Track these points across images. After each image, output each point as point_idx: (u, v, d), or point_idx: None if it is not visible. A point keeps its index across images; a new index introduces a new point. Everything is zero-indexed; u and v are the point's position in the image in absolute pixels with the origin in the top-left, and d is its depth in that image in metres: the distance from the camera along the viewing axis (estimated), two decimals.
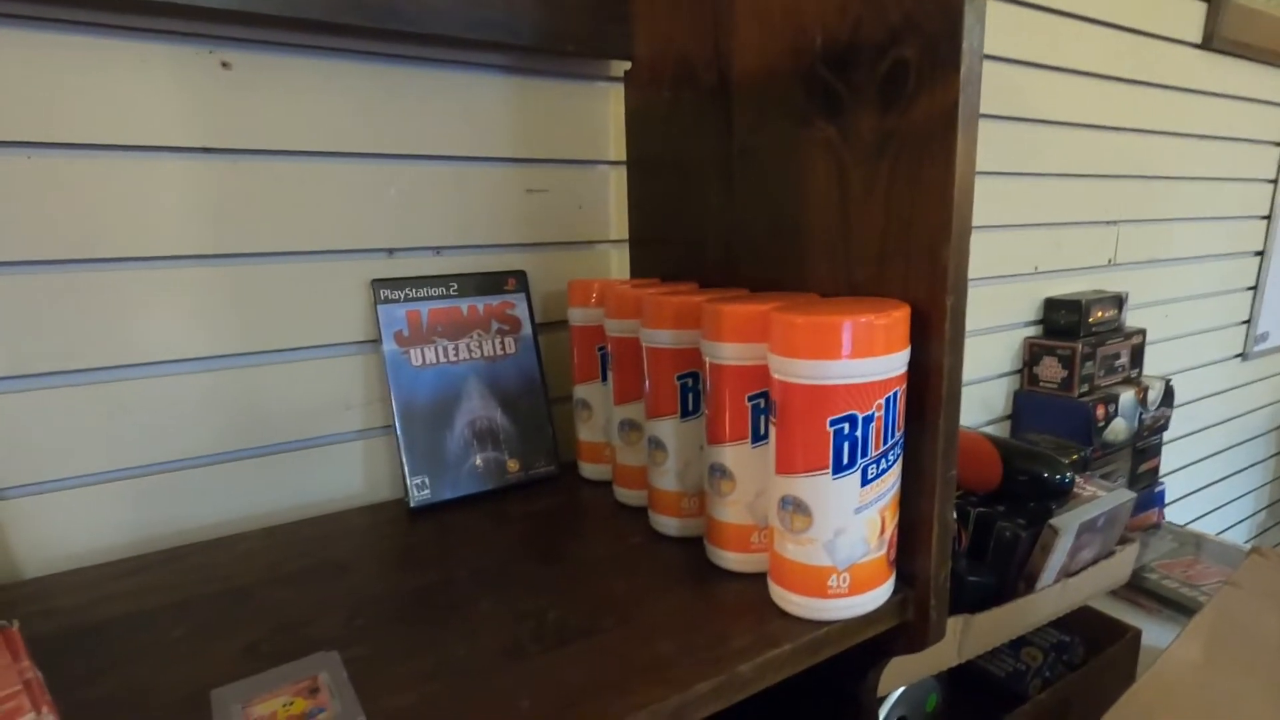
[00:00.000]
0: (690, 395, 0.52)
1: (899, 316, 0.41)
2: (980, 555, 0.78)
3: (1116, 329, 1.22)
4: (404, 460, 0.62)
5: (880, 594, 0.45)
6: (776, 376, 0.42)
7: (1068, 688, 0.77)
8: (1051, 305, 1.20)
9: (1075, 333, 1.16)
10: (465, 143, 0.67)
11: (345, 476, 0.65)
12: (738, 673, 0.40)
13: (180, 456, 0.59)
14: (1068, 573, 0.77)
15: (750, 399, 0.47)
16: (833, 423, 0.40)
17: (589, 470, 0.68)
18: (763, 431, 0.47)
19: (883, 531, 0.43)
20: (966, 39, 0.40)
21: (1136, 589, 1.07)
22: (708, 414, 0.49)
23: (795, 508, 0.42)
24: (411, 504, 0.62)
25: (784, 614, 0.45)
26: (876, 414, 0.41)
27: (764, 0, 0.53)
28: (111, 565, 0.55)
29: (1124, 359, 1.21)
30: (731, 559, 0.50)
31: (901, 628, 0.48)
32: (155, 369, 0.57)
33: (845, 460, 0.41)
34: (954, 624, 0.70)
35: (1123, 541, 0.84)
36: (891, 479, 0.43)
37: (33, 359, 0.53)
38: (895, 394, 0.42)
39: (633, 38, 0.69)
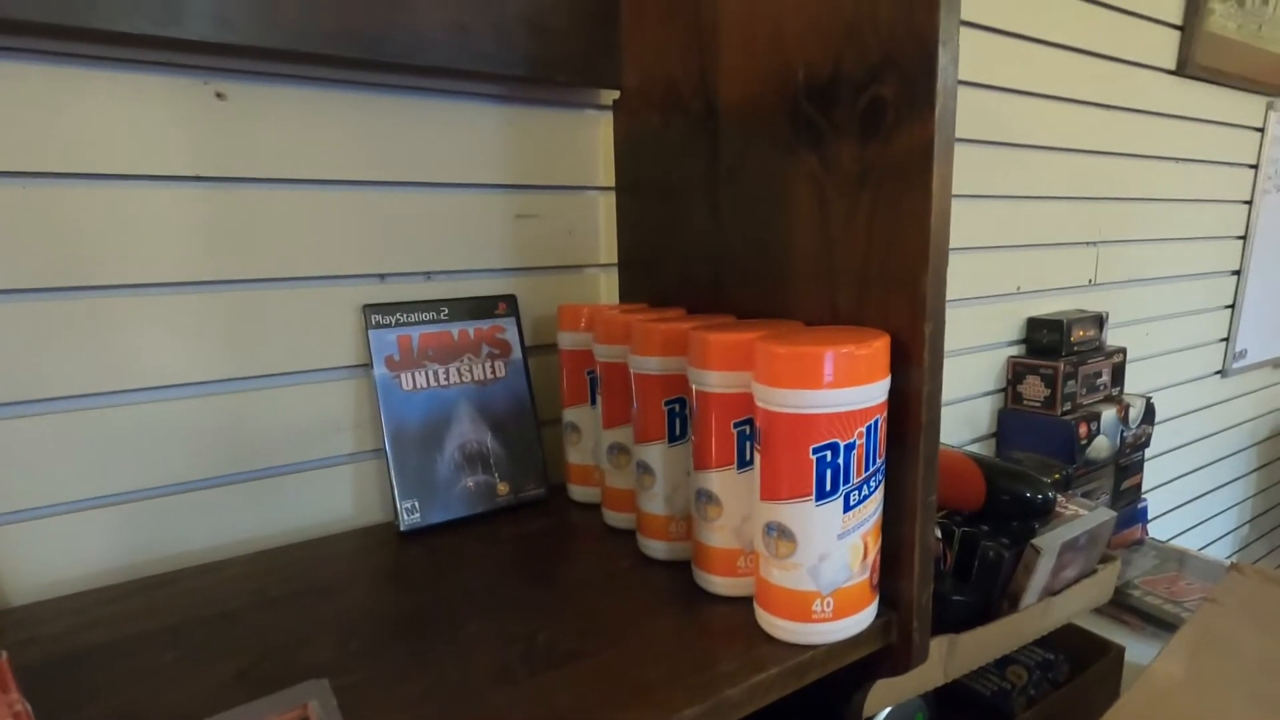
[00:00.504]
0: (677, 420, 0.53)
1: (879, 346, 0.42)
2: (965, 575, 0.79)
3: (1098, 348, 1.24)
4: (394, 484, 0.62)
5: (864, 618, 0.45)
6: (760, 405, 0.43)
7: (1053, 705, 0.78)
8: (1034, 325, 1.22)
9: (1057, 352, 1.18)
10: (456, 169, 0.68)
11: (335, 500, 0.66)
12: (725, 697, 0.41)
13: (170, 482, 0.59)
14: (1051, 591, 0.78)
15: (736, 425, 0.48)
16: (815, 450, 0.41)
17: (578, 493, 0.69)
18: (748, 457, 0.48)
19: (865, 556, 0.44)
20: (941, 79, 0.41)
21: (1120, 606, 1.08)
22: (694, 440, 0.50)
23: (780, 534, 0.43)
24: (402, 528, 0.62)
25: (770, 638, 0.46)
26: (858, 442, 0.42)
27: (749, 31, 0.55)
28: (100, 591, 0.55)
29: (1105, 377, 1.23)
30: (719, 583, 0.50)
31: (885, 650, 0.49)
32: (145, 395, 0.57)
33: (828, 487, 0.42)
34: (939, 644, 0.70)
35: (1105, 560, 0.85)
36: (874, 505, 0.44)
37: (23, 386, 0.53)
38: (876, 421, 0.43)
39: (621, 67, 0.70)
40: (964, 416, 1.18)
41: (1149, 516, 1.36)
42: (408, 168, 0.66)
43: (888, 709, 0.70)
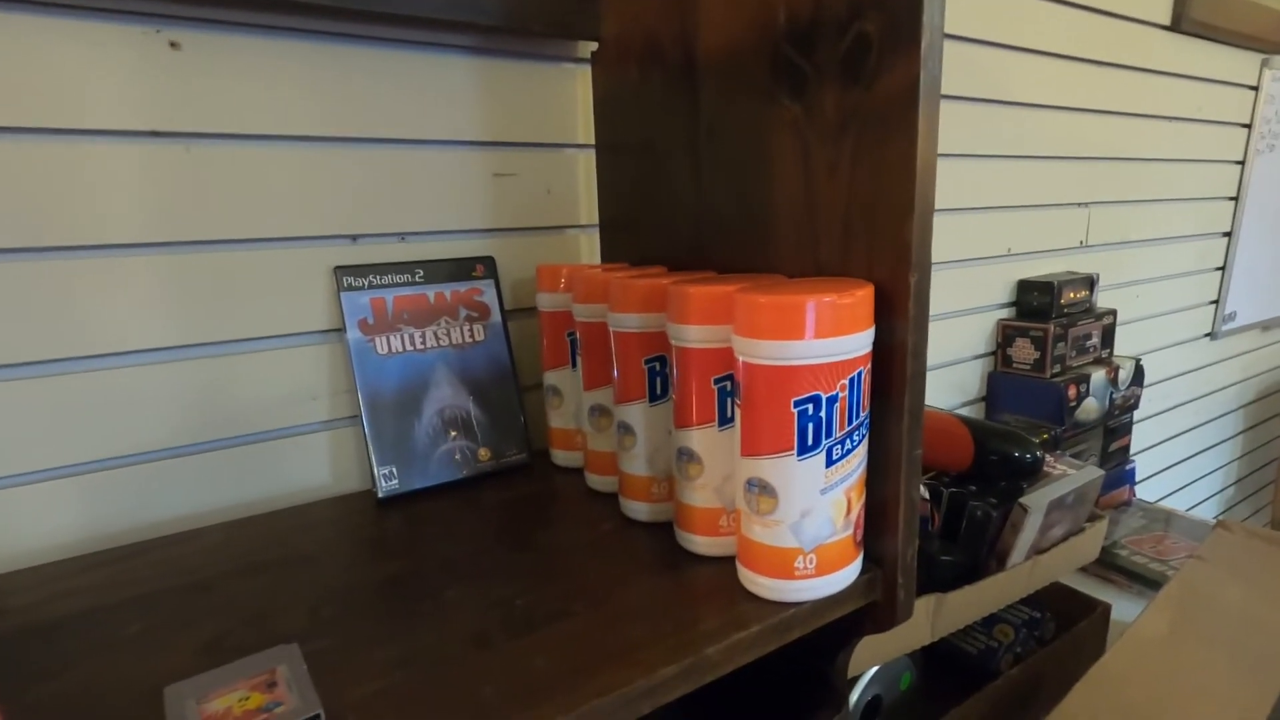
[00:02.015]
0: (658, 379, 0.52)
1: (862, 295, 0.41)
2: (953, 535, 0.79)
3: (1088, 310, 1.23)
4: (371, 450, 0.61)
5: (847, 574, 0.45)
6: (740, 358, 0.42)
7: (1039, 663, 0.79)
8: (1024, 287, 1.21)
9: (1047, 314, 1.17)
10: (429, 125, 0.66)
11: (312, 468, 0.64)
12: (705, 655, 0.40)
13: (138, 450, 0.57)
14: (1038, 550, 0.78)
15: (716, 382, 0.46)
16: (796, 404, 0.40)
17: (561, 457, 0.68)
18: (729, 414, 0.47)
19: (849, 512, 0.43)
20: (927, 12, 0.39)
21: (1107, 565, 1.09)
22: (675, 398, 0.49)
23: (761, 490, 0.42)
24: (380, 495, 0.61)
25: (752, 596, 0.45)
26: (840, 394, 0.41)
27: None
28: (71, 561, 0.53)
29: (1095, 339, 1.23)
30: (700, 543, 0.49)
31: (870, 607, 0.48)
32: (108, 360, 0.55)
33: (810, 441, 0.41)
34: (926, 603, 0.70)
35: (1092, 518, 0.85)
36: (857, 459, 0.43)
37: None
38: (860, 374, 0.42)
39: (600, 17, 0.67)
40: (953, 380, 1.18)
41: (1137, 478, 1.37)
42: (378, 123, 0.63)
43: (874, 668, 0.70)
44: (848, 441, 0.42)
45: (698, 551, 0.50)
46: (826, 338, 0.40)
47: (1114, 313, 1.26)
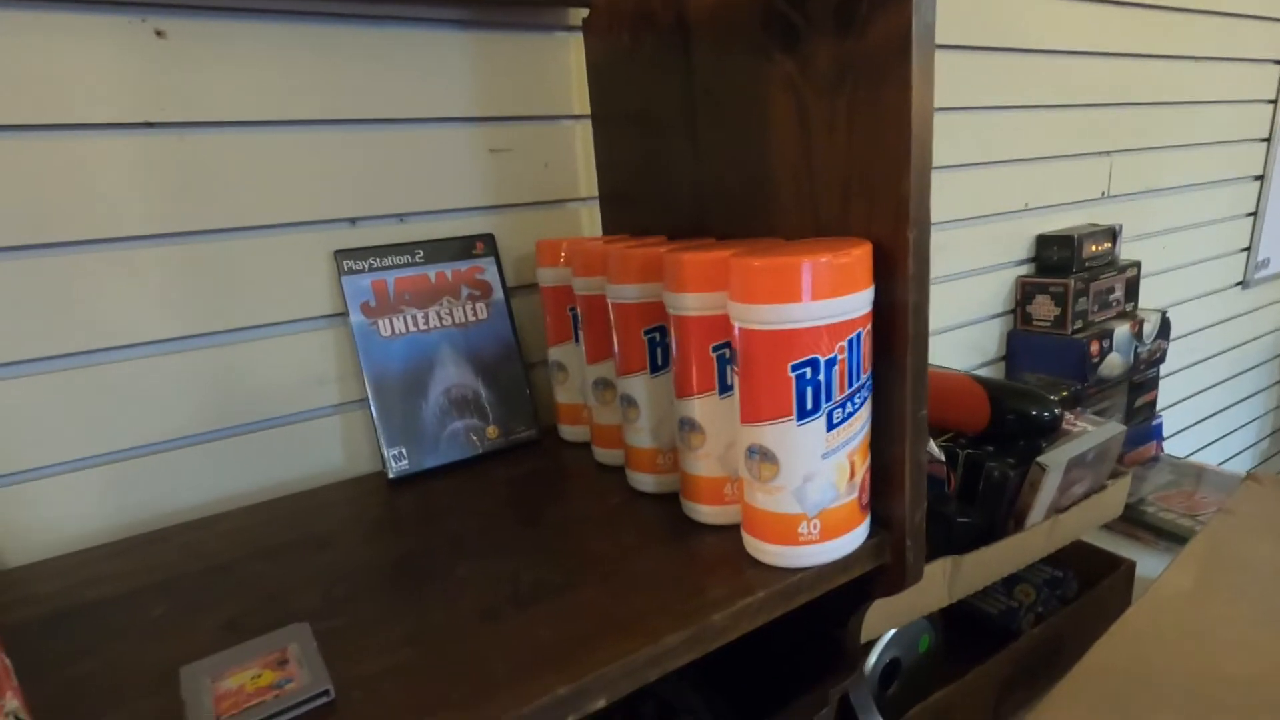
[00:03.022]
0: (659, 350, 0.52)
1: (857, 254, 0.40)
2: (971, 496, 0.78)
3: (1110, 263, 1.19)
4: (379, 432, 0.61)
5: (853, 538, 0.44)
6: (735, 323, 0.41)
7: (1060, 622, 0.78)
8: (1043, 242, 1.18)
9: (1068, 269, 1.14)
10: (422, 104, 0.65)
11: (325, 451, 0.65)
12: (710, 622, 0.40)
13: (157, 439, 0.59)
14: (1059, 509, 0.76)
15: (715, 349, 0.46)
16: (794, 368, 0.39)
17: (568, 432, 0.68)
18: (729, 382, 0.46)
19: (852, 476, 0.43)
20: None
21: (1133, 522, 1.07)
22: (675, 368, 0.48)
23: (762, 456, 0.42)
24: (390, 475, 0.61)
25: (758, 563, 0.45)
26: (839, 357, 0.40)
27: None
28: (96, 549, 0.55)
29: (1118, 293, 1.19)
30: (705, 512, 0.49)
31: (879, 571, 0.48)
32: (120, 353, 0.56)
33: (809, 405, 0.40)
34: (943, 565, 0.70)
35: (1115, 475, 0.83)
36: (860, 422, 0.42)
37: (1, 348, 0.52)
38: (859, 335, 0.41)
39: None
40: (971, 340, 1.15)
41: (1164, 434, 1.34)
42: (370, 104, 0.63)
43: (892, 631, 0.70)
44: (849, 404, 0.41)
45: (703, 521, 0.50)
46: (822, 299, 0.39)
47: (1138, 265, 1.22)
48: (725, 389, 0.46)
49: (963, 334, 1.14)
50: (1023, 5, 1.05)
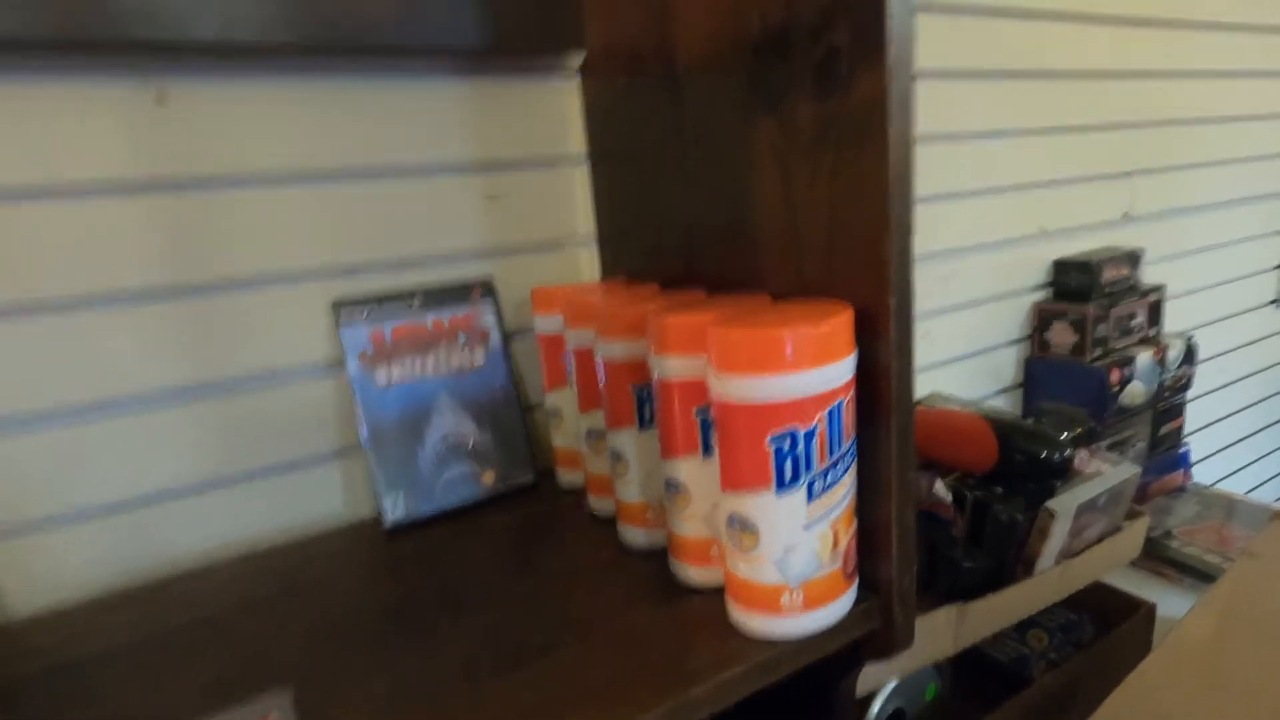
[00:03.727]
0: (647, 405, 0.51)
1: (837, 324, 0.39)
2: (978, 540, 0.76)
3: (1132, 287, 1.16)
4: (376, 480, 0.62)
5: (838, 608, 0.43)
6: (712, 393, 0.40)
7: (1076, 669, 0.75)
8: (1061, 267, 1.15)
9: (1087, 295, 1.11)
10: (419, 153, 0.66)
11: (324, 498, 0.66)
12: (690, 697, 0.40)
13: (158, 490, 0.60)
14: (1070, 553, 0.74)
15: (698, 412, 0.45)
16: (772, 440, 0.39)
17: (566, 478, 0.68)
18: (712, 444, 0.46)
19: (836, 545, 0.42)
20: (892, 21, 0.37)
21: (1157, 557, 1.04)
22: (659, 428, 0.48)
23: (742, 526, 0.41)
24: (386, 524, 0.62)
25: (741, 632, 0.44)
26: (819, 427, 0.39)
27: None
28: (96, 601, 0.56)
29: (1140, 318, 1.16)
30: (693, 573, 0.49)
31: (869, 635, 0.47)
32: (122, 405, 0.58)
33: (788, 477, 0.39)
34: (949, 613, 0.68)
35: (1131, 516, 0.81)
36: (842, 490, 0.42)
37: (3, 403, 0.54)
38: (840, 404, 0.40)
39: (584, 27, 0.66)
40: (987, 368, 1.13)
41: (1192, 460, 1.29)
42: (367, 155, 0.64)
43: (894, 681, 0.68)
44: (830, 474, 0.40)
45: (690, 582, 0.49)
46: (799, 370, 0.38)
47: (1161, 289, 1.18)
48: (709, 450, 0.46)
49: (978, 361, 1.12)
50: (1035, 28, 1.03)
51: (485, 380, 0.67)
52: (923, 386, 1.03)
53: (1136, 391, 1.13)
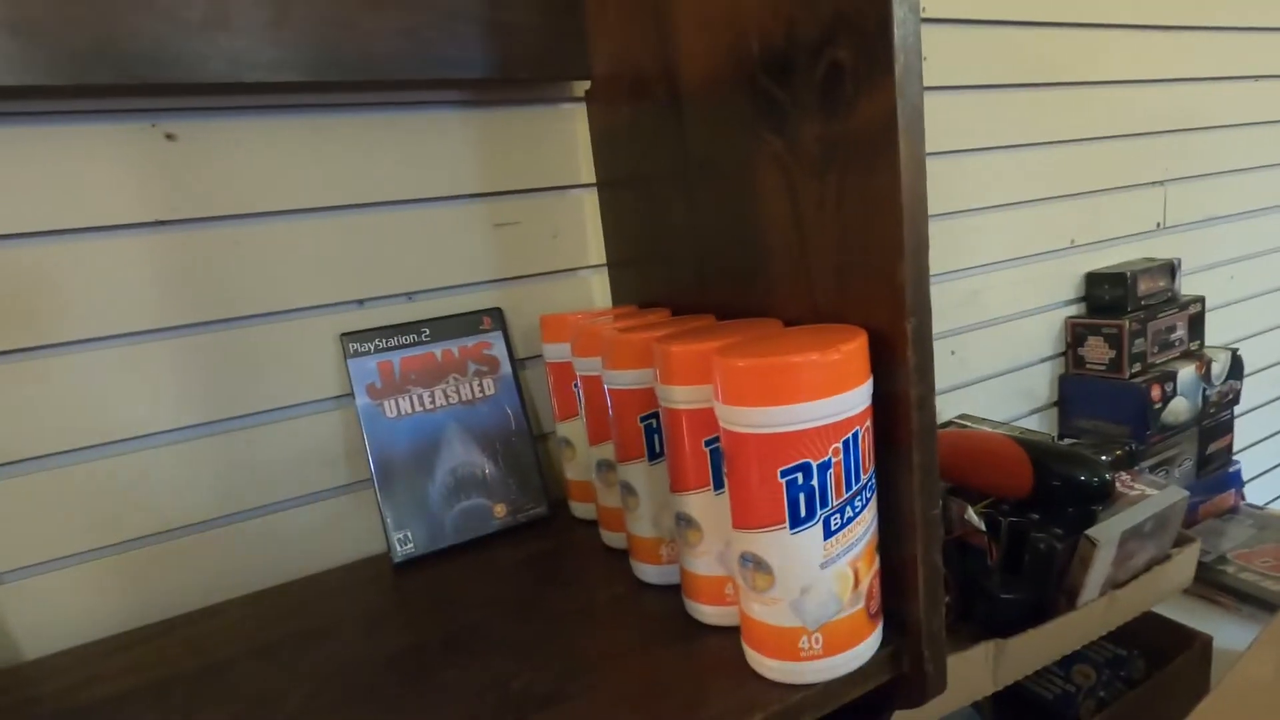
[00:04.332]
0: (656, 437, 0.49)
1: (850, 350, 0.37)
2: (1015, 569, 0.72)
3: (1170, 299, 1.12)
4: (384, 515, 0.61)
5: (862, 651, 0.40)
6: (721, 424, 0.38)
7: (1126, 709, 0.71)
8: (1094, 280, 1.11)
9: (1122, 308, 1.07)
10: (426, 184, 0.65)
11: (334, 534, 0.65)
12: None
13: (167, 528, 0.59)
14: (1115, 584, 0.70)
15: (708, 444, 0.43)
16: (784, 473, 0.37)
17: (579, 509, 0.66)
18: (724, 477, 0.44)
19: (857, 585, 0.39)
20: (898, 33, 0.35)
21: (1211, 584, 0.98)
22: (668, 460, 0.46)
23: (755, 565, 0.39)
24: (395, 560, 0.60)
25: (759, 676, 0.41)
26: (834, 459, 0.37)
27: (705, 6, 0.50)
28: (106, 641, 0.55)
29: (1180, 331, 1.11)
30: (707, 612, 0.46)
31: (899, 680, 0.44)
32: (133, 444, 0.57)
33: (803, 512, 0.37)
34: (986, 649, 0.64)
35: (1181, 542, 0.76)
36: (862, 526, 0.39)
37: (14, 445, 0.54)
38: (856, 434, 0.38)
39: (590, 55, 0.66)
40: (1020, 387, 1.09)
41: (1244, 480, 1.23)
42: (373, 188, 0.63)
43: None
44: (848, 509, 0.38)
45: (704, 620, 0.47)
46: (811, 400, 0.36)
47: (1202, 300, 1.13)
48: (721, 485, 0.44)
49: (1010, 379, 1.08)
50: (1059, 37, 1.01)
51: (495, 411, 0.66)
52: (952, 408, 1.00)
53: (1180, 408, 1.07)
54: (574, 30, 0.65)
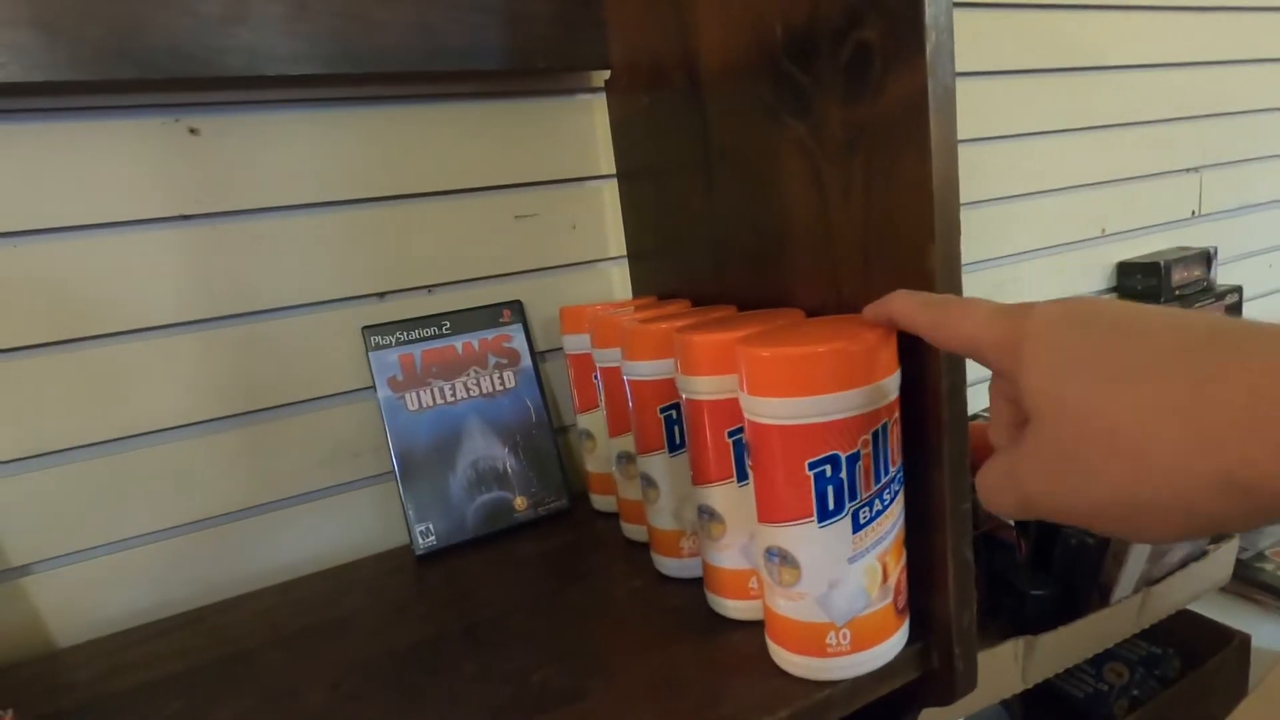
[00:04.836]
0: (676, 428, 0.49)
1: (877, 339, 0.36)
2: (1045, 565, 0.70)
3: (1206, 289, 1.08)
4: (406, 507, 0.61)
5: (890, 647, 0.40)
6: (745, 416, 0.38)
7: (1161, 709, 0.69)
8: (1126, 270, 1.08)
9: (1156, 298, 1.04)
10: (445, 177, 0.65)
11: (358, 525, 0.65)
12: None
13: (196, 518, 0.60)
14: (1150, 580, 0.68)
15: (731, 435, 0.43)
16: (811, 465, 0.36)
17: (600, 502, 0.66)
18: (748, 470, 0.43)
19: (885, 579, 0.38)
20: (930, 11, 0.34)
21: (1249, 582, 0.95)
22: (690, 452, 0.45)
23: (782, 559, 0.38)
24: (417, 553, 0.61)
25: (784, 672, 0.41)
26: (863, 451, 0.36)
27: None
28: (136, 630, 0.56)
29: None
30: (730, 606, 0.46)
31: (927, 677, 0.43)
32: (162, 436, 0.58)
33: (831, 506, 0.36)
34: (1015, 646, 0.63)
35: (1219, 537, 0.74)
36: (890, 520, 0.38)
37: (48, 437, 0.55)
38: (885, 425, 0.37)
39: (608, 44, 0.65)
40: None
41: None
42: (394, 181, 0.63)
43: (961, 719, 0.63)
44: (876, 502, 0.37)
45: (728, 615, 0.46)
46: (839, 391, 0.35)
47: (1239, 289, 1.10)
48: (744, 476, 0.43)
49: None
50: (1090, 20, 0.98)
51: (516, 403, 0.66)
52: (981, 399, 0.98)
53: None
54: (592, 19, 0.64)
